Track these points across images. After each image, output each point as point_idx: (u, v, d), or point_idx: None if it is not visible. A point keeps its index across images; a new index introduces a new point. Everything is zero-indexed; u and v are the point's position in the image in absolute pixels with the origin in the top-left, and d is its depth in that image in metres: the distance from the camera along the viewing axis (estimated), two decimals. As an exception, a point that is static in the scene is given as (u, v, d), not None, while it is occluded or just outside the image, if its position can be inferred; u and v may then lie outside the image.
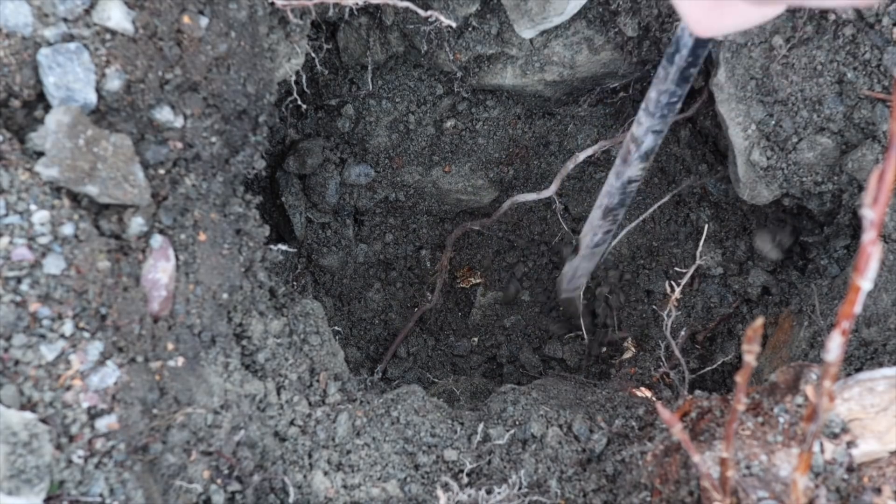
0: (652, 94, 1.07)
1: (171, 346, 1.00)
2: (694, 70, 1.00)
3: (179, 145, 1.02)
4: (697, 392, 1.15)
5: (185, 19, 1.00)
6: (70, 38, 0.92)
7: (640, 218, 1.71)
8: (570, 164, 1.53)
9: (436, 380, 1.78)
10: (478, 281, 1.98)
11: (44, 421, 0.84)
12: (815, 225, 1.51)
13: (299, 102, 1.32)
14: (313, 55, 1.29)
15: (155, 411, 0.96)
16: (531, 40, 1.51)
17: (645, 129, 1.14)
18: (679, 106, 1.10)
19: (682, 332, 1.57)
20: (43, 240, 0.86)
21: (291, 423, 1.14)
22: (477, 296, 1.98)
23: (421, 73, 1.68)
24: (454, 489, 1.08)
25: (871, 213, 0.49)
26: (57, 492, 0.83)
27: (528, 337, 1.94)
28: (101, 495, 0.86)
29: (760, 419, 0.99)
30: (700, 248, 1.46)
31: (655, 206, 1.66)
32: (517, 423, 1.23)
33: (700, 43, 0.93)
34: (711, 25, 0.55)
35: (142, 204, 0.96)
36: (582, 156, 1.52)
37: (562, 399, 1.32)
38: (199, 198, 1.06)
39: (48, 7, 0.90)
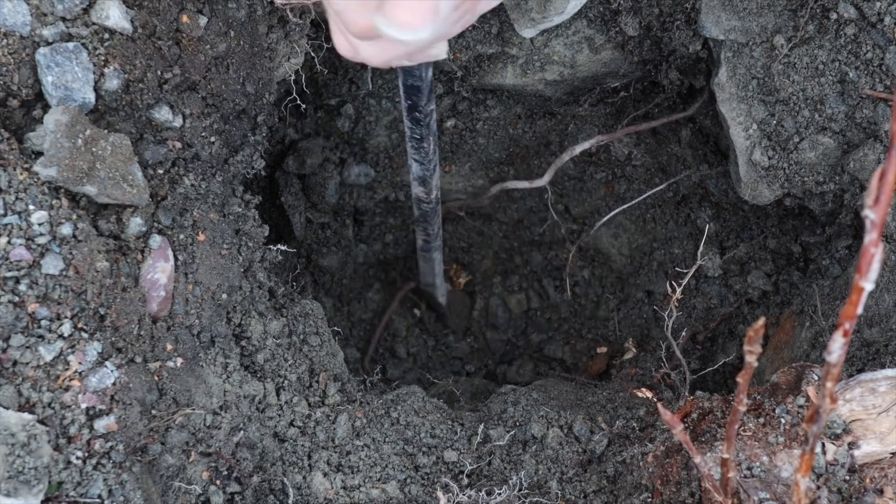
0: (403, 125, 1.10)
1: (169, 347, 1.00)
2: (419, 114, 0.94)
3: (178, 145, 1.02)
4: (698, 393, 1.15)
5: (184, 18, 0.99)
6: (68, 37, 0.91)
7: (627, 205, 1.72)
8: (566, 156, 1.54)
9: (436, 380, 1.77)
10: (468, 278, 1.98)
11: (42, 422, 0.83)
12: (816, 225, 1.50)
13: (299, 102, 1.32)
14: (313, 54, 1.28)
15: (154, 412, 0.95)
16: (532, 40, 1.50)
17: (409, 157, 1.18)
18: (426, 146, 1.07)
19: (683, 333, 1.57)
20: (41, 240, 0.86)
21: (291, 423, 1.13)
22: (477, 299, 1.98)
23: (421, 73, 1.68)
24: (454, 490, 1.07)
25: (872, 214, 0.48)
26: (55, 493, 0.83)
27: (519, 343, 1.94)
28: (99, 496, 0.86)
29: (762, 420, 0.99)
30: (701, 249, 1.46)
31: (647, 193, 1.67)
32: (517, 423, 1.22)
33: (409, 89, 0.88)
34: (353, 54, 0.55)
35: (140, 204, 0.96)
36: (578, 148, 1.53)
37: (562, 400, 1.32)
38: (199, 198, 1.05)
39: (46, 6, 0.90)
